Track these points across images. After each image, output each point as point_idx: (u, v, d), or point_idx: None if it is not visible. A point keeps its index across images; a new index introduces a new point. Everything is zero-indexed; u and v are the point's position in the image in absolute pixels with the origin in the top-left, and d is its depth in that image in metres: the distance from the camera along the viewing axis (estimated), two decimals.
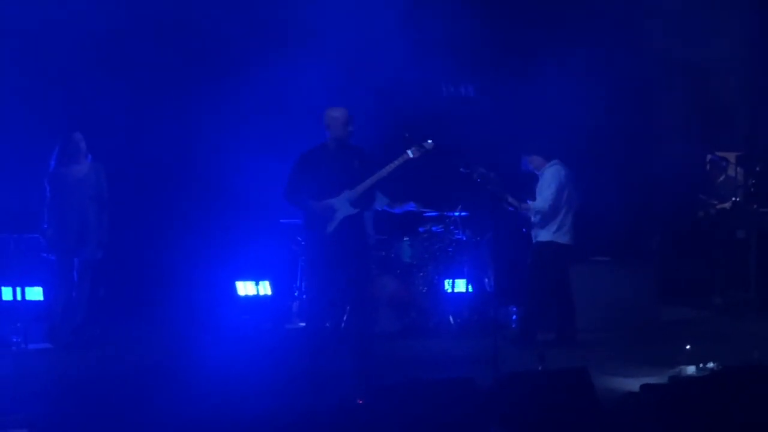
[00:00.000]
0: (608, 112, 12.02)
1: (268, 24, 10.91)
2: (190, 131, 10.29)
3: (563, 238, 8.95)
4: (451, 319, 9.65)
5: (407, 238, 10.02)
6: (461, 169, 7.60)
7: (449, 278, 10.16)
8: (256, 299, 10.35)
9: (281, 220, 10.27)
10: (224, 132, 10.34)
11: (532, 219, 8.95)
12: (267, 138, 10.59)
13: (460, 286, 10.17)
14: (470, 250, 10.06)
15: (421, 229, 10.08)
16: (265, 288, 10.40)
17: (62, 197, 8.79)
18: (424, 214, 10.12)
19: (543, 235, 8.94)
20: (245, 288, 10.33)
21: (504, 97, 11.66)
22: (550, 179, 8.89)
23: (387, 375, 7.25)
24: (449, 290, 10.16)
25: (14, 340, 8.50)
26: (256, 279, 10.38)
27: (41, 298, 9.49)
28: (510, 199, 8.46)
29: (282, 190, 7.49)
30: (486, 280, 10.08)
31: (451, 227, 9.98)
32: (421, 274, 9.94)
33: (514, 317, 9.50)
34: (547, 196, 8.81)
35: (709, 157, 11.87)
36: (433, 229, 10.00)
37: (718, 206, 11.58)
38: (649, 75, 12.66)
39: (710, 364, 7.13)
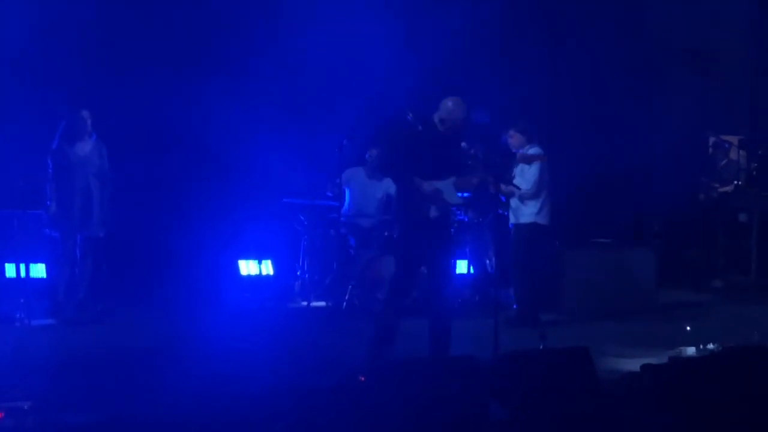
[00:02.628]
0: (611, 94, 12.01)
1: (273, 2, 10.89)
2: (193, 110, 10.25)
3: (544, 220, 9.02)
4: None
5: None
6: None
7: None
8: (259, 278, 10.35)
9: (284, 199, 10.29)
10: (227, 111, 10.31)
11: (512, 200, 8.97)
12: (270, 117, 10.58)
13: (462, 267, 10.17)
14: (472, 230, 10.06)
15: None
16: (267, 267, 10.41)
17: (66, 174, 8.80)
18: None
19: (525, 217, 8.99)
20: (248, 267, 10.33)
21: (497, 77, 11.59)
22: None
23: (389, 353, 7.27)
24: None
25: (18, 316, 8.53)
26: (259, 258, 10.38)
27: (44, 275, 9.50)
28: (503, 187, 8.41)
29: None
30: (487, 261, 10.09)
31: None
32: None
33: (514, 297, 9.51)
34: (531, 177, 8.85)
35: (711, 140, 11.84)
36: None
37: (720, 189, 11.58)
38: (651, 57, 12.65)
39: (710, 345, 7.15)
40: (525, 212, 9.01)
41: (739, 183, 11.32)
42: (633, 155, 11.85)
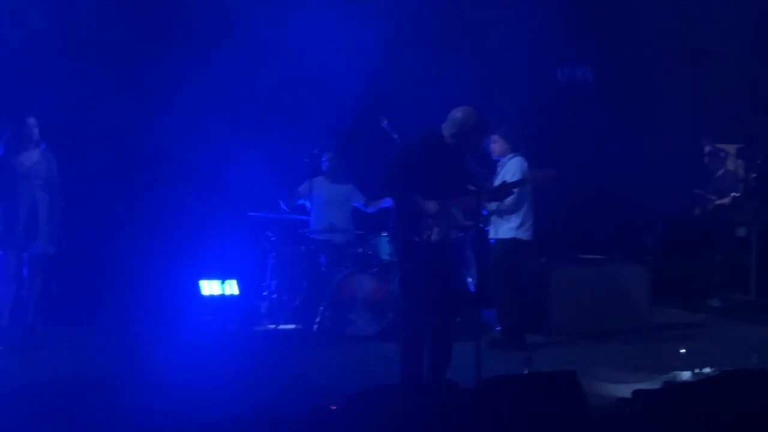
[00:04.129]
0: (599, 98, 12.09)
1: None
2: (150, 117, 10.25)
3: (525, 235, 9.06)
4: None
5: (386, 234, 10.03)
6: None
7: None
8: (222, 299, 10.32)
9: (250, 213, 10.27)
10: (188, 118, 10.30)
11: (492, 214, 9.00)
12: (234, 123, 10.57)
13: None
14: (453, 246, 10.08)
15: None
16: (231, 287, 10.38)
17: (10, 187, 8.69)
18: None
19: (504, 232, 9.03)
20: (210, 287, 10.30)
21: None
22: (515, 168, 8.96)
23: (363, 380, 7.26)
24: None
25: None
26: (222, 277, 10.35)
27: None
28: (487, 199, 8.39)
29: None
30: (469, 279, 10.12)
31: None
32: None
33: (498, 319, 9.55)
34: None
35: (707, 148, 11.88)
36: None
37: (717, 202, 11.62)
38: (642, 59, 12.72)
39: (707, 369, 7.20)
40: (504, 227, 9.05)
41: (737, 195, 11.37)
42: (623, 165, 11.92)
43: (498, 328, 9.20)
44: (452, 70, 11.23)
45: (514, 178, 8.79)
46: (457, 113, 6.89)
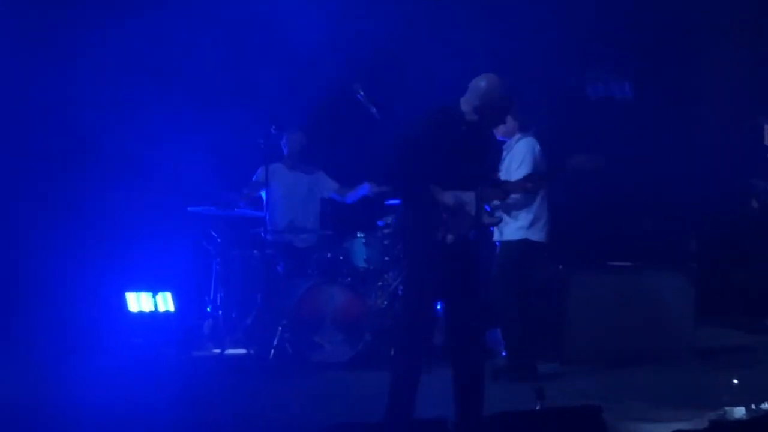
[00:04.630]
0: (631, 71, 12.13)
1: None
2: (63, 95, 10.25)
3: (538, 235, 9.08)
4: None
5: (362, 234, 10.04)
6: None
7: None
8: (154, 317, 10.32)
9: (189, 209, 10.26)
10: (109, 93, 10.31)
11: (496, 210, 9.03)
12: (168, 101, 10.57)
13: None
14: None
15: (380, 223, 10.10)
16: (166, 302, 10.37)
17: None
18: (385, 202, 10.14)
19: (512, 232, 9.05)
20: (139, 301, 10.29)
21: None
22: (524, 151, 9.01)
23: (335, 416, 7.29)
24: None
25: None
26: (154, 290, 10.34)
27: None
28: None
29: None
30: None
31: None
32: (380, 282, 9.99)
33: (504, 342, 9.58)
34: (522, 174, 8.83)
35: (766, 127, 11.93)
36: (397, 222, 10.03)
37: None
38: (681, 23, 12.75)
39: (765, 405, 7.22)
40: (512, 226, 9.06)
41: None
42: (661, 151, 11.95)
43: (503, 353, 9.22)
44: (442, 28, 11.24)
45: (524, 164, 8.82)
46: (481, 82, 6.84)
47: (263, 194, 10.17)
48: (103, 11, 10.53)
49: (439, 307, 7.74)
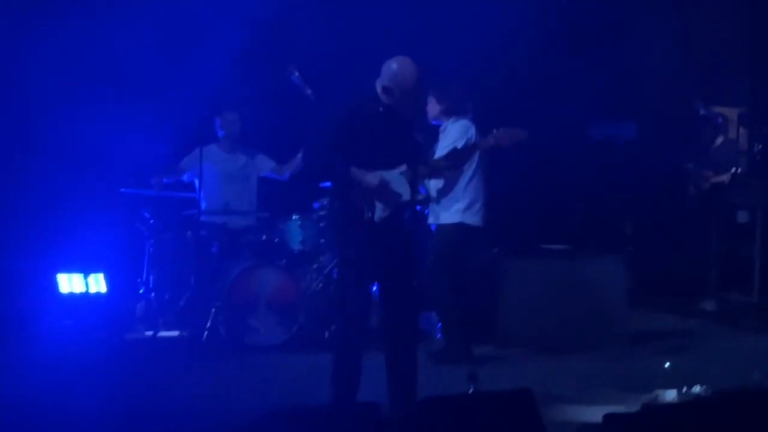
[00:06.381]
0: (565, 50, 12.14)
1: None
2: None
3: (474, 218, 9.13)
4: None
5: (297, 216, 10.02)
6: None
7: None
8: (86, 298, 10.21)
9: (122, 190, 10.19)
10: (42, 75, 10.21)
11: (431, 193, 9.06)
12: (100, 76, 10.48)
13: None
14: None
15: (316, 205, 10.08)
16: (97, 283, 10.28)
17: None
18: (320, 184, 10.12)
19: (448, 216, 9.09)
20: (70, 283, 10.19)
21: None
22: (455, 133, 9.02)
23: (266, 401, 7.27)
24: None
25: None
26: (86, 270, 10.25)
27: None
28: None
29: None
30: None
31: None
32: (315, 265, 10.00)
33: (439, 325, 9.61)
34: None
35: (701, 112, 11.96)
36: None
37: (714, 179, 11.70)
38: (622, 7, 12.77)
39: (696, 388, 7.30)
40: (448, 209, 9.09)
41: (739, 170, 11.45)
42: (596, 133, 11.98)
43: (438, 336, 9.25)
44: (380, 7, 11.21)
45: (451, 146, 8.81)
46: (393, 64, 6.99)
47: (185, 178, 10.17)
48: None
49: (375, 289, 7.82)
